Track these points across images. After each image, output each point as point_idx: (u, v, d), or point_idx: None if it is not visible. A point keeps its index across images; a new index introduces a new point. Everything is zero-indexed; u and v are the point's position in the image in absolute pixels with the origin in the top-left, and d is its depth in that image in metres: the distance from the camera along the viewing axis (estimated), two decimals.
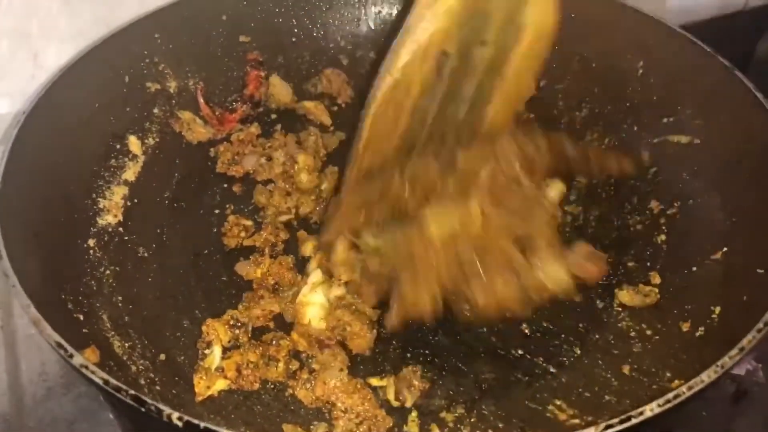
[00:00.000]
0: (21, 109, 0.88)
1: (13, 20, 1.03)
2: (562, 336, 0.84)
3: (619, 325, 0.85)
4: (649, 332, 0.83)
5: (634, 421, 0.58)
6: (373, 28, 1.18)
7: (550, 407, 0.76)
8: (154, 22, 1.05)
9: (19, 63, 1.03)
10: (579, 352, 0.82)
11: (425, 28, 0.76)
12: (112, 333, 0.80)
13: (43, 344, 0.87)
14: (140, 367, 0.77)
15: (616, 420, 0.58)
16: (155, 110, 1.05)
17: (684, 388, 0.61)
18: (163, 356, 0.80)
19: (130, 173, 0.99)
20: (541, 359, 0.81)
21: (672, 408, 0.60)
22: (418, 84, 0.79)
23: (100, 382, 0.61)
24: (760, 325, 0.66)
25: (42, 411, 0.84)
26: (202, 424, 0.57)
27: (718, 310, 0.80)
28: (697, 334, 0.79)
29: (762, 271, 0.77)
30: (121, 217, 0.93)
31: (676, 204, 0.95)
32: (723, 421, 0.84)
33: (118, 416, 0.83)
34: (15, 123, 0.86)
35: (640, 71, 1.06)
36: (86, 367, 0.62)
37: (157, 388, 0.75)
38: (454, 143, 0.87)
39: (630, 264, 0.91)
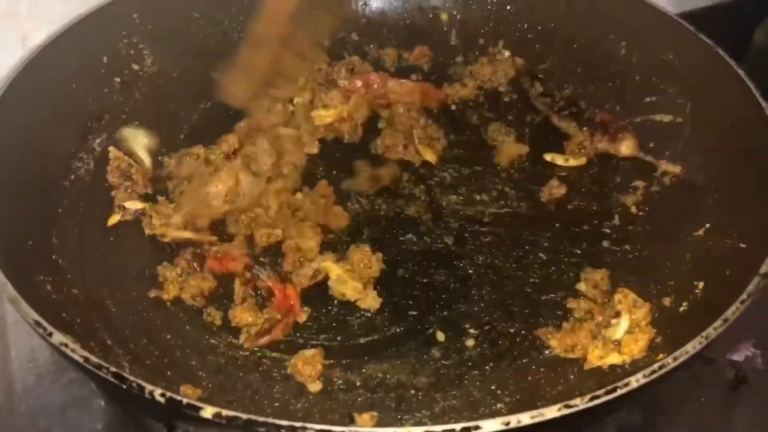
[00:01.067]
0: None
1: (2, 2, 1.02)
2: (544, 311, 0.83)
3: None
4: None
5: (619, 392, 0.58)
6: (354, 8, 1.17)
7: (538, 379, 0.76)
8: (131, 2, 1.04)
9: (7, 45, 1.01)
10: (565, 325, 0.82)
11: None
12: (93, 313, 0.78)
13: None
14: (121, 347, 0.76)
15: (601, 391, 0.58)
16: (135, 93, 1.04)
17: (669, 359, 0.61)
18: (145, 339, 0.79)
19: None
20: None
21: (657, 379, 0.60)
22: None
23: (81, 360, 0.60)
24: (744, 296, 0.66)
25: (32, 398, 0.83)
26: (185, 400, 0.56)
27: (701, 285, 0.80)
28: (681, 309, 0.79)
29: (744, 245, 0.78)
30: None
31: (659, 182, 0.96)
32: (722, 407, 0.84)
33: (108, 401, 0.82)
34: None
35: (623, 51, 1.07)
36: (66, 345, 0.60)
37: (142, 369, 0.74)
38: None
39: (612, 240, 0.91)
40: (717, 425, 0.83)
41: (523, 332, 0.80)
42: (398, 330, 0.81)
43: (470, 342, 0.79)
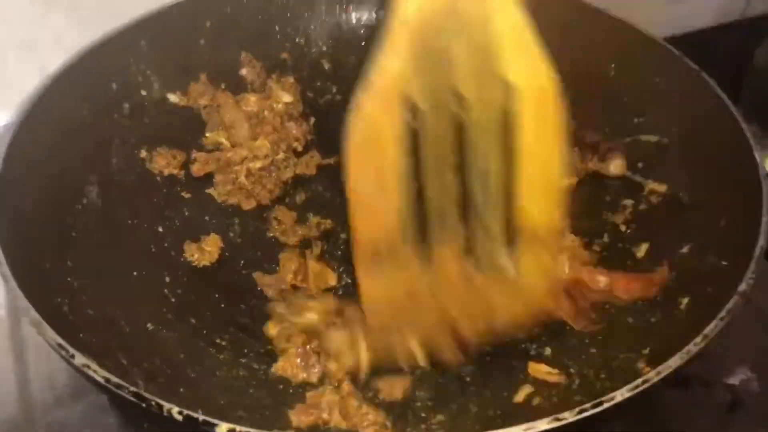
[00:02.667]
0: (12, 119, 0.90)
1: (21, 32, 1.05)
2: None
3: None
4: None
5: (606, 405, 0.62)
6: (354, 33, 1.21)
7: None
8: (138, 30, 1.07)
9: (25, 75, 1.05)
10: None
11: (377, 69, 0.67)
12: (108, 334, 0.82)
13: (52, 352, 0.90)
14: (135, 365, 0.79)
15: (588, 405, 0.62)
16: (144, 119, 1.08)
17: (653, 374, 0.65)
18: (158, 360, 0.82)
19: None
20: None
21: (642, 393, 0.64)
22: (390, 139, 0.68)
23: (102, 380, 0.63)
24: (722, 314, 0.70)
25: (50, 419, 0.85)
26: (201, 418, 0.60)
27: (686, 301, 0.84)
28: (667, 325, 0.83)
29: (725, 263, 0.82)
30: None
31: (647, 201, 1.00)
32: (718, 430, 0.87)
33: (124, 423, 0.85)
34: (6, 130, 0.88)
35: (612, 73, 1.11)
36: (88, 367, 0.64)
37: (156, 388, 0.78)
38: (491, 240, 0.72)
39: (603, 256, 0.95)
40: None
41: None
42: None
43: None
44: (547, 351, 0.85)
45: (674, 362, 0.66)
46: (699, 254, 0.88)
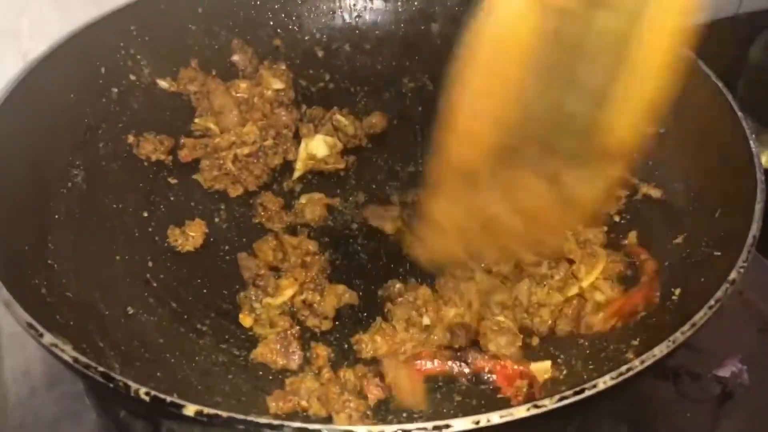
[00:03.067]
0: None
1: (3, 20, 1.04)
2: None
3: None
4: None
5: (587, 393, 0.60)
6: (348, 20, 1.20)
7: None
8: (129, 15, 1.07)
9: (8, 63, 1.04)
10: None
11: None
12: (86, 317, 0.81)
13: (27, 342, 0.87)
14: (113, 349, 0.78)
15: (569, 392, 0.60)
16: (133, 103, 1.06)
17: (637, 362, 0.63)
18: (136, 343, 0.81)
19: None
20: None
21: (625, 381, 0.62)
22: (525, 42, 0.63)
23: (70, 360, 0.62)
24: (711, 302, 0.68)
25: (25, 410, 0.85)
26: (169, 399, 0.58)
27: (678, 291, 0.82)
28: (656, 316, 0.81)
29: (718, 253, 0.80)
30: None
31: (641, 191, 0.98)
32: (708, 422, 0.85)
33: (99, 411, 0.83)
34: None
35: None
36: (56, 346, 0.63)
37: (132, 371, 0.77)
38: (561, 158, 0.70)
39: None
40: None
41: None
42: None
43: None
44: (535, 341, 0.84)
45: (659, 351, 0.64)
46: (692, 245, 0.86)
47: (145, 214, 0.97)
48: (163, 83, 1.08)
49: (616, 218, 0.96)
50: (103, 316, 0.83)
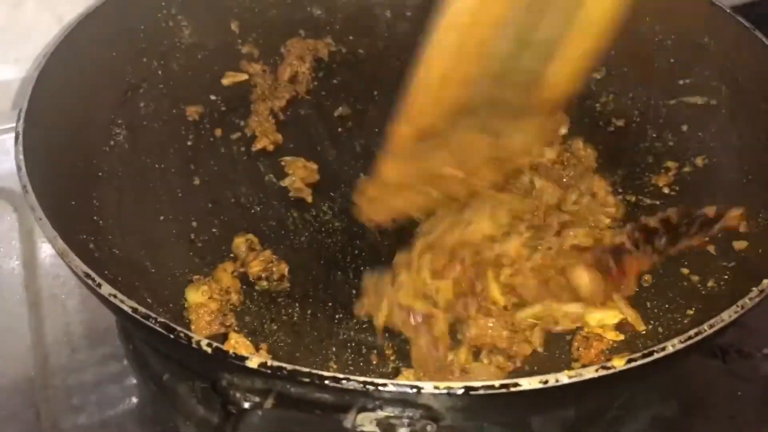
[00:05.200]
0: (41, 54, 0.88)
1: None
2: None
3: None
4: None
5: (656, 356, 0.59)
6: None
7: None
8: None
9: (44, 26, 1.03)
10: None
11: None
12: (134, 274, 0.80)
13: (68, 303, 0.89)
14: (162, 305, 0.77)
15: (638, 354, 0.59)
16: (173, 64, 1.05)
17: (705, 326, 0.61)
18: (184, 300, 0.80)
19: None
20: None
21: (694, 345, 0.60)
22: (499, 5, 0.69)
23: (129, 310, 0.61)
24: None
25: (66, 372, 0.84)
26: (231, 351, 0.57)
27: (732, 265, 0.81)
28: (716, 287, 0.80)
29: None
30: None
31: (691, 163, 0.96)
32: (758, 401, 0.84)
33: (142, 375, 0.84)
34: (35, 66, 0.86)
35: (658, 34, 1.07)
36: (115, 296, 0.62)
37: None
38: (506, 113, 0.78)
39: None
40: (753, 419, 0.83)
41: None
42: None
43: None
44: None
45: (728, 315, 0.63)
46: (748, 217, 0.84)
47: (188, 175, 0.96)
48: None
49: (666, 190, 0.94)
50: (149, 273, 0.82)
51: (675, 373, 0.84)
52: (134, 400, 0.83)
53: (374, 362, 0.76)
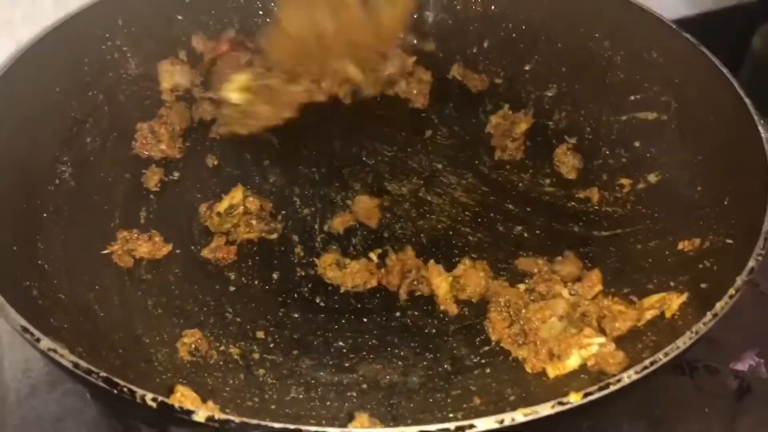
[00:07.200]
0: None
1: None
2: None
3: None
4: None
5: (612, 388, 0.58)
6: None
7: None
8: (115, 5, 1.03)
9: (2, 52, 1.00)
10: None
11: None
12: (81, 318, 0.78)
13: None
14: (111, 351, 0.75)
15: (594, 387, 0.58)
16: (120, 96, 1.03)
17: (660, 355, 0.61)
18: (134, 344, 0.78)
19: None
20: None
21: (649, 375, 0.60)
22: None
23: (70, 365, 0.59)
24: (732, 291, 0.66)
25: (26, 409, 0.82)
26: (177, 404, 0.56)
27: (686, 278, 0.80)
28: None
29: (731, 242, 0.79)
30: None
31: (644, 180, 0.96)
32: (726, 417, 0.84)
33: (101, 412, 0.81)
34: None
35: (608, 50, 1.07)
36: (55, 351, 0.60)
37: (132, 374, 0.73)
38: None
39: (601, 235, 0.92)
40: None
41: None
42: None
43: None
44: None
45: (682, 342, 0.62)
46: (704, 234, 0.84)
47: (137, 211, 0.93)
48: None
49: (619, 210, 0.94)
50: (98, 318, 0.79)
51: (643, 392, 0.84)
52: None
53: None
